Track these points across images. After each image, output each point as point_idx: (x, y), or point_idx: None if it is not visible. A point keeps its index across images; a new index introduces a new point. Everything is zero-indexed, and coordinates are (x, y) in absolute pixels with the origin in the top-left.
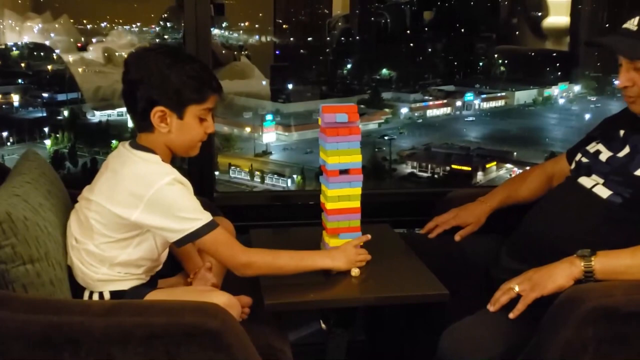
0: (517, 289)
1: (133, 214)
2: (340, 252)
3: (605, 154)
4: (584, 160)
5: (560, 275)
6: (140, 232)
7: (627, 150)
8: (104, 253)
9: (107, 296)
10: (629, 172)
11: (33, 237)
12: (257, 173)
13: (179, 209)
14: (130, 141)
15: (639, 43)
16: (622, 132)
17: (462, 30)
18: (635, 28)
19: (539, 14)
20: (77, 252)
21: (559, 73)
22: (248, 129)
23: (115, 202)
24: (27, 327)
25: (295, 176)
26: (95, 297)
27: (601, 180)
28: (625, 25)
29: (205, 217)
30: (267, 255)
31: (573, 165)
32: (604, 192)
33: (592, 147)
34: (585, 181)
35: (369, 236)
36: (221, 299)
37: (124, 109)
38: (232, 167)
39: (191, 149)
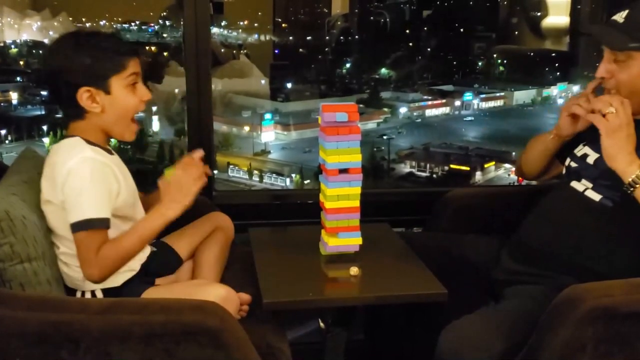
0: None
1: (58, 198)
2: (173, 195)
3: (592, 157)
4: (573, 165)
5: (620, 159)
6: None
7: None
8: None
9: (99, 295)
10: (616, 175)
11: (31, 236)
12: (256, 172)
13: (81, 191)
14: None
15: (623, 35)
16: None
17: (461, 29)
18: (622, 20)
19: (538, 13)
20: (59, 257)
21: (558, 73)
22: (247, 128)
23: (47, 194)
24: (25, 325)
25: (294, 175)
26: (88, 296)
27: (590, 185)
28: (613, 17)
29: (96, 212)
30: (115, 256)
31: (564, 170)
32: (595, 196)
33: (579, 151)
34: (576, 185)
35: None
36: (220, 291)
37: None
38: (231, 166)
39: (128, 128)
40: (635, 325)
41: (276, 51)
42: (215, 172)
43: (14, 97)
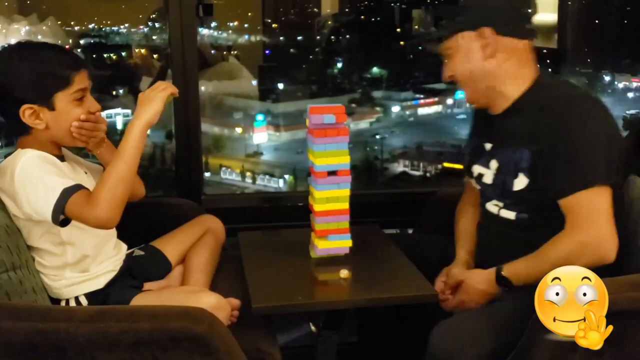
0: None
1: (24, 213)
2: (141, 103)
3: (487, 175)
4: (478, 186)
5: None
6: (50, 227)
7: (495, 164)
8: (52, 263)
9: (83, 301)
10: (511, 192)
11: (15, 244)
12: (248, 174)
13: (39, 176)
14: None
15: (439, 31)
16: (487, 146)
17: None
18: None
19: (528, 10)
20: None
21: (549, 69)
22: (239, 130)
23: (12, 208)
24: (12, 334)
25: (286, 176)
26: (72, 303)
27: (501, 204)
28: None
29: (60, 185)
30: (104, 187)
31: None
32: (510, 215)
33: (475, 171)
34: (491, 207)
35: None
36: (210, 299)
37: (113, 111)
38: (223, 168)
39: (75, 134)
40: (625, 324)
41: (266, 52)
42: (208, 174)
43: None
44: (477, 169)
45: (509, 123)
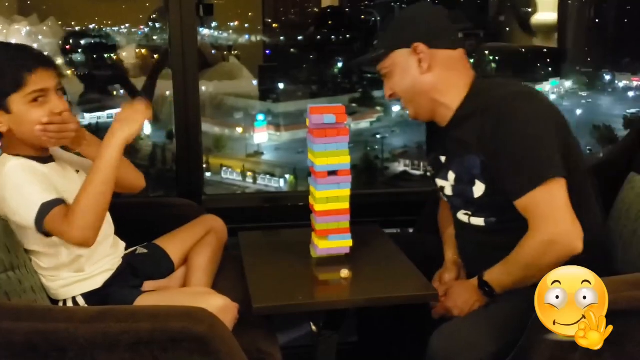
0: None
1: (9, 218)
2: (118, 121)
3: (447, 188)
4: (444, 198)
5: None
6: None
7: (452, 175)
8: (47, 264)
9: (81, 301)
10: (473, 199)
11: (13, 244)
12: (249, 174)
13: (21, 188)
14: None
15: (376, 51)
16: (442, 159)
17: None
18: (376, 41)
19: (529, 9)
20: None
21: (550, 69)
22: (239, 130)
23: (1, 213)
24: (12, 334)
25: (287, 176)
26: (70, 304)
27: (469, 212)
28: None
29: (41, 198)
30: (79, 208)
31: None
32: (479, 222)
33: (438, 184)
34: (461, 216)
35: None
36: (218, 301)
37: (113, 112)
38: (224, 168)
39: (41, 137)
40: (625, 324)
41: (267, 52)
42: (209, 174)
43: None
44: (439, 182)
45: (456, 133)
